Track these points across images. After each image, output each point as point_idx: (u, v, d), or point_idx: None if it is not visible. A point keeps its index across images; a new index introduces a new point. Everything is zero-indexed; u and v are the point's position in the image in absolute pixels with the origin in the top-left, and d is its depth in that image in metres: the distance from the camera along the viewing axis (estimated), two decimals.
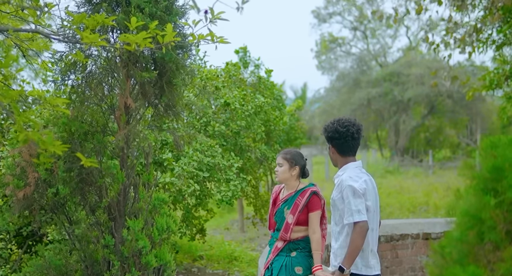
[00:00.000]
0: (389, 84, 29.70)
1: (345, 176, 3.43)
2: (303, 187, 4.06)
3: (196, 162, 5.67)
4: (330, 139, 3.50)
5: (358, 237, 3.29)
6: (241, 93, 6.38)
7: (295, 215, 3.97)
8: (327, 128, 3.51)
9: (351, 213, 3.34)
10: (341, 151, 3.51)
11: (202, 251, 8.82)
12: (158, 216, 3.43)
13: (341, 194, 3.42)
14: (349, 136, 3.47)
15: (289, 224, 3.99)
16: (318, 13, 34.95)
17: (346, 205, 3.37)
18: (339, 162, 3.57)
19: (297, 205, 3.98)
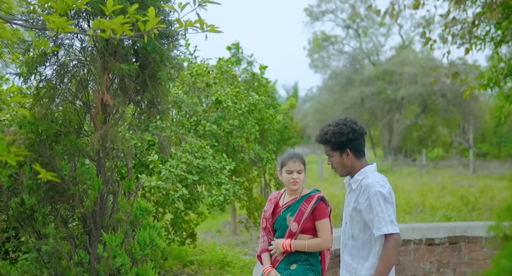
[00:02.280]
0: (382, 82, 29.50)
1: (372, 181, 2.99)
2: (308, 193, 3.67)
3: (185, 164, 5.26)
4: (348, 142, 3.06)
5: (392, 252, 2.87)
6: (234, 90, 5.97)
7: (300, 223, 3.57)
8: (343, 131, 3.05)
9: (384, 223, 2.90)
10: (358, 152, 3.09)
11: (193, 256, 8.40)
12: (140, 229, 3.02)
13: (368, 201, 2.97)
14: (364, 133, 3.10)
15: (293, 232, 3.60)
16: (311, 11, 34.70)
17: (375, 214, 2.92)
18: (354, 167, 3.12)
19: (302, 212, 3.59)
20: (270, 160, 6.14)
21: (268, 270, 3.65)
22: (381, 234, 2.90)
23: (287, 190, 3.77)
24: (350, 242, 3.15)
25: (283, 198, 3.79)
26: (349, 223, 3.12)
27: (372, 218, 2.94)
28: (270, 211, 3.78)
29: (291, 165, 3.62)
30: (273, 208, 3.79)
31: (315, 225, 3.61)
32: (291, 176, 3.62)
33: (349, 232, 3.15)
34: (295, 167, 3.62)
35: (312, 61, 35.41)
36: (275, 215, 3.77)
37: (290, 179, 3.61)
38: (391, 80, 29.48)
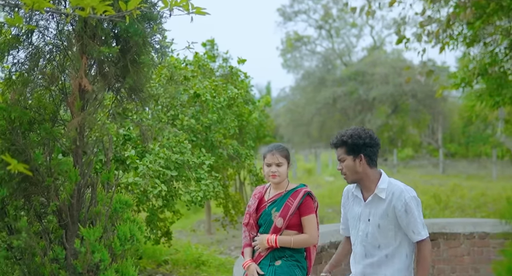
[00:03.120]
0: (354, 83, 29.74)
1: (403, 187, 3.02)
2: (294, 187, 3.55)
3: (163, 159, 5.08)
4: (363, 147, 3.02)
5: (430, 255, 2.98)
6: (213, 84, 5.82)
7: (286, 218, 3.45)
8: (361, 135, 3.02)
9: (422, 227, 2.98)
10: (372, 161, 3.06)
11: (167, 256, 8.21)
12: (120, 223, 2.85)
13: (404, 207, 2.97)
14: (379, 144, 3.08)
15: (278, 228, 3.47)
16: (284, 11, 34.77)
17: (412, 220, 2.96)
18: (366, 175, 3.08)
19: (288, 207, 3.47)
20: (249, 156, 6.01)
21: (248, 264, 3.53)
22: (422, 238, 2.96)
23: (272, 185, 3.65)
24: (376, 253, 3.11)
25: (268, 192, 3.66)
26: (376, 234, 3.08)
27: (409, 223, 2.97)
28: (254, 206, 3.65)
29: (270, 158, 3.50)
30: (257, 203, 3.67)
31: (301, 221, 3.50)
32: (270, 169, 3.50)
33: (374, 243, 3.11)
34: (273, 160, 3.49)
35: (285, 61, 35.50)
36: (260, 210, 3.63)
37: (269, 172, 3.50)
38: (363, 80, 29.75)
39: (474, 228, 6.12)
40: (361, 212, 3.15)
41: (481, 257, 6.05)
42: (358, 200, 3.19)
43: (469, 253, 6.08)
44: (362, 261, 3.15)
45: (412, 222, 2.95)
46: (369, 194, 3.11)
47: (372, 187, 3.09)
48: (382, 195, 3.03)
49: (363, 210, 3.14)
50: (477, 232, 6.08)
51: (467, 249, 6.10)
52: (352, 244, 3.27)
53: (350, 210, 3.26)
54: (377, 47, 35.01)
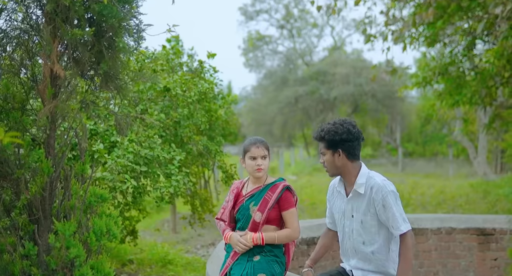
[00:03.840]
0: (315, 82, 29.97)
1: (380, 181, 2.98)
2: (273, 181, 3.45)
3: (132, 154, 4.92)
4: (341, 142, 3.00)
5: (411, 249, 2.92)
6: (183, 78, 5.68)
7: (264, 212, 3.36)
8: (338, 130, 2.99)
9: (401, 221, 2.93)
10: (352, 155, 3.04)
11: (132, 255, 8.00)
12: (96, 217, 2.70)
13: (382, 201, 2.94)
14: (360, 137, 3.05)
15: (257, 223, 3.38)
16: (245, 10, 34.72)
17: (392, 214, 2.93)
18: (346, 169, 3.06)
19: (266, 201, 3.38)
20: (218, 152, 5.91)
21: (228, 235, 3.44)
22: (401, 232, 2.91)
23: (250, 179, 3.55)
24: (362, 249, 3.07)
25: (246, 187, 3.56)
26: (360, 230, 3.05)
27: (388, 218, 2.93)
28: (232, 203, 3.55)
29: (255, 151, 3.39)
30: (235, 198, 3.58)
31: (282, 216, 3.42)
32: (255, 163, 3.38)
33: (359, 239, 3.07)
34: (258, 153, 3.39)
35: (247, 60, 35.43)
36: (237, 205, 3.53)
37: (255, 166, 3.38)
38: (324, 80, 30.03)
39: (441, 224, 6.20)
40: (345, 208, 3.13)
41: (448, 252, 6.13)
42: (341, 196, 3.17)
43: (437, 248, 6.15)
44: (355, 256, 3.13)
45: (391, 217, 2.92)
46: (351, 189, 3.09)
47: (352, 182, 3.08)
48: (360, 191, 3.01)
49: (346, 206, 3.12)
50: (444, 228, 6.17)
51: (435, 245, 6.17)
52: (340, 239, 3.23)
53: (334, 205, 3.23)
54: (338, 47, 35.43)
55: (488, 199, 14.51)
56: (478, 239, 6.06)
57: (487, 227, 6.04)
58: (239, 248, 3.39)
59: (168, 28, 2.74)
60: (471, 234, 6.09)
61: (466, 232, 6.12)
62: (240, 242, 3.38)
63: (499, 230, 6.01)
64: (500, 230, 6.01)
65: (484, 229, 6.04)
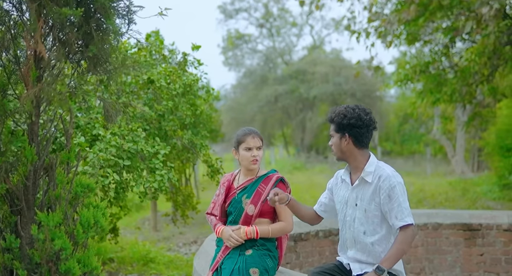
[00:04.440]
0: (295, 81, 29.99)
1: (390, 171, 2.89)
2: (265, 173, 3.36)
3: (114, 148, 4.75)
4: (348, 127, 2.90)
5: (410, 241, 2.82)
6: (167, 70, 5.53)
7: (257, 205, 3.25)
8: (347, 114, 2.90)
9: (407, 214, 2.83)
10: (360, 142, 2.93)
11: (113, 253, 7.81)
12: (82, 208, 2.55)
13: (388, 192, 2.84)
14: (371, 125, 2.93)
15: (249, 216, 3.27)
16: (224, 8, 34.59)
17: (397, 205, 2.82)
18: (352, 156, 2.96)
19: (259, 193, 3.27)
20: (204, 146, 5.77)
21: (220, 229, 3.34)
22: (405, 224, 2.80)
23: (242, 171, 3.43)
24: (362, 239, 2.96)
25: (237, 179, 3.45)
26: (363, 219, 2.94)
27: (393, 209, 2.83)
28: (223, 196, 3.42)
29: (250, 141, 3.28)
30: (226, 191, 3.44)
31: (275, 208, 3.32)
32: (251, 154, 3.28)
33: (360, 228, 2.96)
34: (254, 144, 3.29)
35: (226, 59, 35.29)
36: (229, 198, 3.42)
37: (250, 157, 3.27)
38: (304, 79, 30.07)
39: (428, 219, 6.16)
40: (348, 196, 3.02)
41: (435, 248, 6.10)
42: (346, 184, 3.05)
43: (423, 244, 6.11)
44: (354, 247, 3.02)
45: (396, 208, 2.81)
46: (357, 177, 2.98)
47: (359, 169, 2.97)
48: (368, 179, 2.91)
49: (350, 194, 3.01)
50: (431, 223, 6.13)
51: (421, 240, 6.13)
52: (340, 229, 3.13)
53: (337, 195, 3.12)
54: (317, 46, 35.53)
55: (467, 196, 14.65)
56: (464, 234, 6.04)
57: (473, 223, 6.02)
58: (231, 243, 3.27)
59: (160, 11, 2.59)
60: (458, 230, 6.07)
61: (453, 227, 6.09)
62: (232, 237, 3.26)
63: (486, 226, 5.99)
64: (486, 226, 5.99)
65: (471, 224, 6.02)
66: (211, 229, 3.53)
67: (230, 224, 3.38)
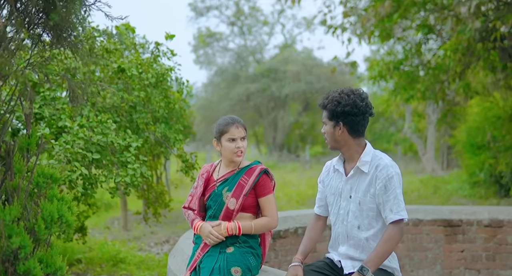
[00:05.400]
0: (267, 80, 29.91)
1: (388, 161, 2.67)
2: (248, 165, 3.08)
3: (82, 140, 4.43)
4: (343, 114, 2.66)
5: (399, 239, 2.60)
6: (139, 58, 5.22)
7: (239, 199, 2.98)
8: (341, 100, 2.65)
9: (403, 207, 2.62)
10: (355, 131, 2.71)
11: (80, 254, 7.45)
12: (45, 201, 2.25)
13: (384, 182, 2.61)
14: (368, 112, 2.70)
15: (230, 210, 3.00)
16: (195, 6, 34.27)
17: (393, 197, 2.61)
18: (347, 145, 2.73)
19: (241, 186, 3.01)
20: (178, 140, 5.49)
21: (198, 225, 3.06)
22: (399, 218, 2.59)
23: (223, 162, 3.16)
24: (355, 234, 2.72)
25: (217, 171, 3.16)
26: (357, 212, 2.70)
27: (388, 201, 2.60)
28: (201, 188, 3.14)
29: (234, 131, 3.00)
30: (205, 183, 3.15)
31: (259, 202, 3.05)
32: (235, 145, 3.00)
33: (354, 223, 2.72)
34: (238, 134, 3.01)
35: (197, 57, 34.95)
36: (208, 191, 3.13)
37: (234, 148, 2.99)
38: (276, 77, 30.04)
39: (408, 215, 6.03)
40: (342, 188, 2.78)
41: (415, 245, 5.95)
42: (340, 174, 2.81)
43: (403, 240, 5.97)
44: (346, 242, 2.78)
45: (392, 200, 2.60)
46: (351, 167, 2.74)
47: (355, 159, 2.73)
48: (364, 169, 2.68)
49: (344, 185, 2.77)
50: (411, 219, 5.99)
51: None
52: (332, 224, 2.89)
53: (330, 186, 2.87)
54: (289, 45, 35.53)
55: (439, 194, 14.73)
56: (445, 230, 5.92)
57: (454, 218, 5.90)
58: (211, 241, 3.01)
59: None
60: (438, 226, 5.94)
61: (433, 223, 5.96)
62: (212, 234, 3.00)
63: (466, 221, 5.88)
64: (467, 221, 5.88)
65: (451, 220, 5.90)
66: (188, 224, 3.26)
67: (209, 219, 3.11)
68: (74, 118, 4.71)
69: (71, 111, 4.65)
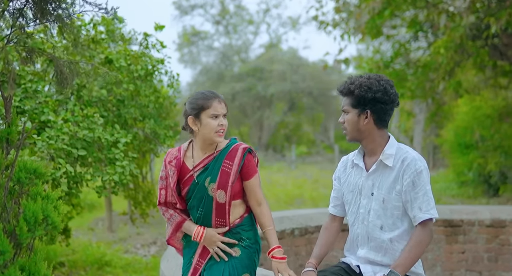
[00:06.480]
0: (252, 79, 29.73)
1: (415, 154, 2.41)
2: (226, 146, 2.64)
3: (67, 136, 4.12)
4: (372, 101, 2.39)
5: (429, 241, 2.36)
6: (127, 49, 4.92)
7: (227, 189, 2.57)
8: (372, 86, 2.38)
9: (433, 205, 2.37)
10: (382, 121, 2.45)
11: (63, 257, 7.12)
12: (27, 200, 1.96)
13: (412, 178, 2.35)
14: (396, 101, 2.44)
15: (222, 204, 2.59)
16: (180, 4, 33.98)
17: (422, 194, 2.35)
18: (370, 136, 2.46)
19: (226, 173, 2.59)
20: (168, 137, 5.19)
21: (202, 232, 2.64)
22: (429, 217, 2.35)
23: (198, 145, 2.66)
24: (378, 235, 2.45)
25: (190, 157, 2.68)
26: (380, 211, 2.43)
27: (417, 198, 2.35)
28: (174, 179, 2.66)
29: (217, 107, 2.56)
30: (177, 173, 2.66)
31: (243, 185, 2.65)
32: (218, 122, 2.56)
33: (376, 222, 2.44)
34: (222, 110, 2.59)
35: (182, 56, 34.65)
36: (185, 183, 2.66)
37: (217, 127, 2.55)
38: (261, 77, 29.90)
39: None
40: (363, 184, 2.50)
41: None
42: (359, 170, 2.53)
43: None
44: (366, 245, 2.50)
45: (421, 197, 2.35)
46: (373, 162, 2.47)
47: (377, 153, 2.46)
48: (388, 162, 2.41)
49: (365, 182, 2.49)
50: None
51: None
52: (350, 224, 2.63)
53: (348, 183, 2.58)
54: (274, 44, 35.41)
55: None
56: (445, 231, 5.71)
57: (454, 218, 5.70)
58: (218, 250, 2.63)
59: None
60: (439, 226, 5.73)
61: (434, 223, 5.76)
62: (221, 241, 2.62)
63: (467, 221, 5.69)
64: (468, 221, 5.68)
65: (452, 220, 5.70)
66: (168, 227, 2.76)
67: (199, 221, 2.67)
68: (58, 112, 4.40)
69: (54, 105, 4.34)
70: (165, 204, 2.73)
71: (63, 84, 2.11)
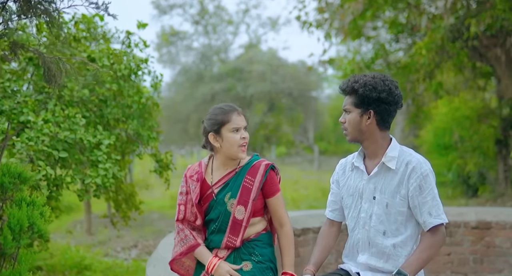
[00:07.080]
0: (232, 79, 29.65)
1: (419, 157, 2.34)
2: (248, 161, 2.58)
3: (48, 137, 3.97)
4: (376, 102, 2.32)
5: (441, 245, 2.28)
6: (110, 48, 4.77)
7: (247, 206, 2.49)
8: (377, 86, 2.30)
9: (442, 210, 2.31)
10: (385, 122, 2.38)
11: (41, 261, 6.92)
12: (12, 206, 1.84)
13: (418, 182, 2.28)
14: (400, 102, 2.37)
15: (239, 221, 2.51)
16: (158, 4, 33.75)
17: (431, 199, 2.29)
18: (372, 138, 2.39)
19: (247, 189, 2.52)
20: (152, 138, 5.07)
21: (215, 264, 2.50)
22: (440, 222, 2.28)
23: (219, 160, 2.61)
24: (380, 240, 2.36)
25: (209, 173, 2.63)
26: (383, 216, 2.34)
27: (425, 203, 2.28)
28: (197, 192, 2.58)
29: (238, 119, 2.51)
30: (200, 188, 2.60)
31: (266, 203, 2.58)
32: (240, 135, 2.50)
33: (378, 228, 2.36)
34: (243, 123, 2.53)
35: (160, 56, 34.41)
36: (205, 200, 2.60)
37: (240, 140, 2.50)
38: (241, 77, 29.85)
39: None
40: (364, 188, 2.41)
41: None
42: (360, 172, 2.45)
43: None
44: (367, 250, 2.41)
45: (430, 202, 2.28)
46: (375, 164, 2.39)
47: (379, 155, 2.38)
48: (391, 165, 2.33)
49: (366, 185, 2.41)
50: None
51: None
52: (350, 229, 2.54)
53: (347, 186, 2.49)
54: (253, 45, 35.40)
55: None
56: None
57: None
58: None
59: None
60: None
61: None
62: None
63: (453, 223, 5.67)
64: (453, 223, 5.66)
65: None
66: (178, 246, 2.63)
67: (212, 235, 2.59)
68: (37, 112, 4.24)
69: (34, 105, 4.18)
70: (182, 221, 2.65)
71: (51, 81, 1.99)
